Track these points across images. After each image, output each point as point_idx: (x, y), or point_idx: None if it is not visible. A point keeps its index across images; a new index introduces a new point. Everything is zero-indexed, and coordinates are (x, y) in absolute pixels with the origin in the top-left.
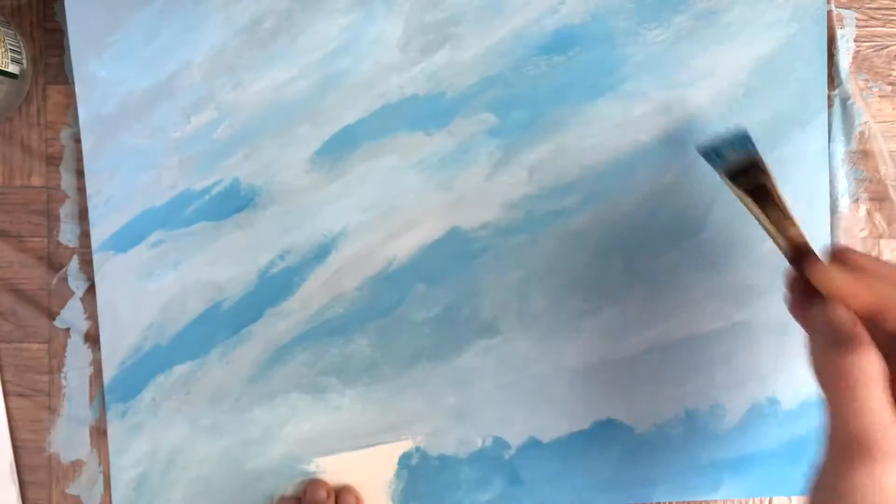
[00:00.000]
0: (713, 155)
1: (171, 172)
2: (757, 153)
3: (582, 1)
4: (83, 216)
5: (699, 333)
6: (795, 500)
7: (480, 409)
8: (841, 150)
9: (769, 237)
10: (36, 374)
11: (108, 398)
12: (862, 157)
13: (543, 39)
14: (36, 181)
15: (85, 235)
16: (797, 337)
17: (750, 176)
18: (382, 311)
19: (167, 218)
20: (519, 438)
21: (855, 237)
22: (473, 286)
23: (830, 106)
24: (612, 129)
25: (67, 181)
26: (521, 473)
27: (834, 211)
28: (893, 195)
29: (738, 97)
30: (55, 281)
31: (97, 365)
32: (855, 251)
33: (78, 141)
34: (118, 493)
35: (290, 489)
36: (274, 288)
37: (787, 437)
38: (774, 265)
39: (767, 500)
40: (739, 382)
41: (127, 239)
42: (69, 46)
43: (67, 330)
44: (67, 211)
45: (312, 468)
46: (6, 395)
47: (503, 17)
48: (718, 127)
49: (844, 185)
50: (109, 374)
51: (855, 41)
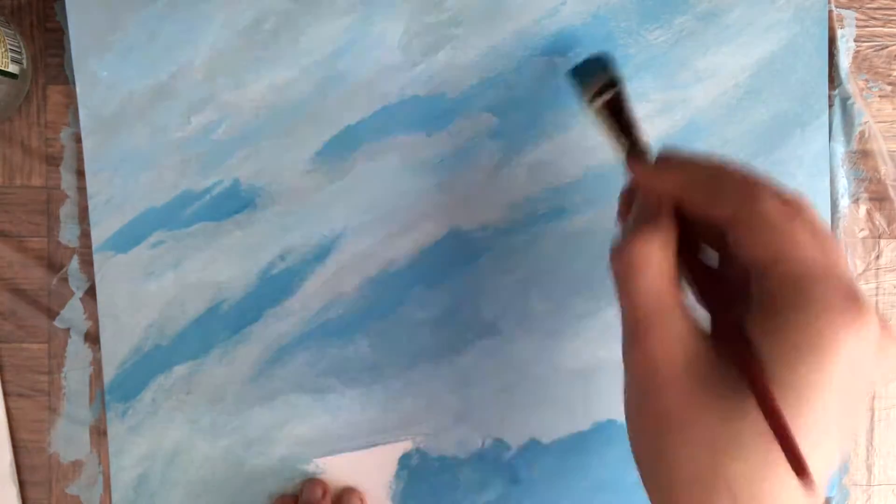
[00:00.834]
0: (577, 79)
1: (171, 172)
2: (610, 67)
3: (583, 2)
4: (83, 216)
5: None
6: None
7: (480, 409)
8: (841, 150)
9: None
10: (36, 374)
11: (108, 398)
12: (862, 157)
13: (544, 40)
14: (36, 181)
15: (85, 235)
16: None
17: (604, 92)
18: (382, 311)
19: (167, 218)
20: (519, 439)
21: (855, 237)
22: (473, 287)
23: (831, 106)
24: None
25: (68, 181)
26: (521, 474)
27: (834, 211)
28: (893, 195)
29: (738, 98)
30: (55, 281)
31: (97, 365)
32: (679, 150)
33: (78, 141)
34: (118, 493)
35: (289, 488)
36: (274, 288)
37: None
38: None
39: None
40: None
41: (127, 239)
42: (70, 46)
43: (67, 330)
44: (67, 211)
45: (312, 468)
46: (6, 395)
47: (504, 17)
48: (719, 127)
49: (844, 184)
50: (109, 374)
51: (855, 41)
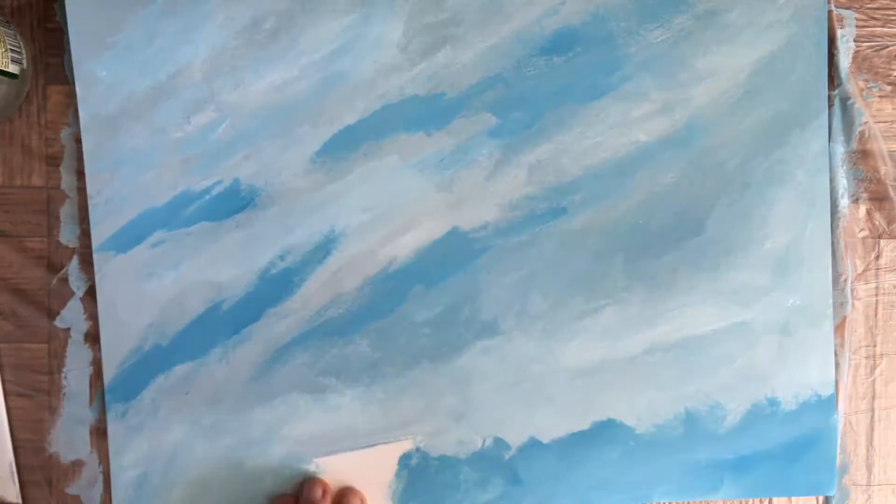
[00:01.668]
0: None
1: (171, 173)
2: None
3: (582, 1)
4: (83, 216)
5: (699, 333)
6: (795, 500)
7: (480, 409)
8: (841, 149)
9: None
10: (36, 374)
11: (108, 398)
12: (862, 156)
13: (544, 40)
14: (36, 181)
15: (85, 235)
16: (797, 337)
17: None
18: (382, 311)
19: (167, 218)
20: (519, 438)
21: (855, 237)
22: (473, 286)
23: (830, 106)
24: (612, 129)
25: (68, 181)
26: (521, 473)
27: (834, 211)
28: (893, 195)
29: (738, 97)
30: (55, 281)
31: (97, 365)
32: None
33: (78, 141)
34: (118, 493)
35: (289, 488)
36: (274, 288)
37: (786, 437)
38: (776, 265)
39: (767, 500)
40: (739, 383)
41: (127, 239)
42: (69, 46)
43: (68, 330)
44: (67, 211)
45: (312, 468)
46: (6, 394)
47: (503, 17)
48: (718, 127)
49: (844, 184)
50: (110, 374)
51: (855, 41)
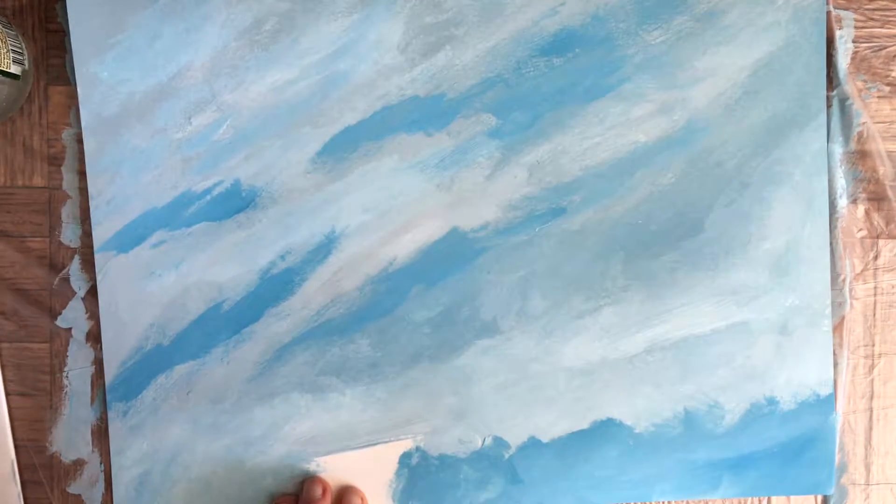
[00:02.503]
0: None
1: (172, 173)
2: None
3: (582, 2)
4: (85, 216)
5: (698, 333)
6: (794, 499)
7: (480, 408)
8: (839, 150)
9: None
10: (37, 373)
11: (109, 398)
12: (860, 157)
13: (543, 41)
14: (38, 181)
15: (86, 235)
16: (796, 337)
17: None
18: (382, 311)
19: (168, 218)
20: (519, 438)
21: (853, 237)
22: (473, 286)
23: (829, 106)
24: (611, 129)
25: (69, 181)
26: (520, 473)
27: (832, 211)
28: (892, 195)
29: (737, 98)
30: (57, 281)
31: (98, 364)
32: None
33: (80, 141)
34: (119, 492)
35: (289, 487)
36: (274, 288)
37: (785, 436)
38: (774, 265)
39: (766, 499)
40: (738, 382)
41: (128, 239)
42: (71, 47)
43: (69, 330)
44: (69, 211)
45: (313, 467)
46: (8, 394)
47: (503, 18)
48: (717, 127)
49: (843, 185)
50: (111, 373)
51: (853, 42)
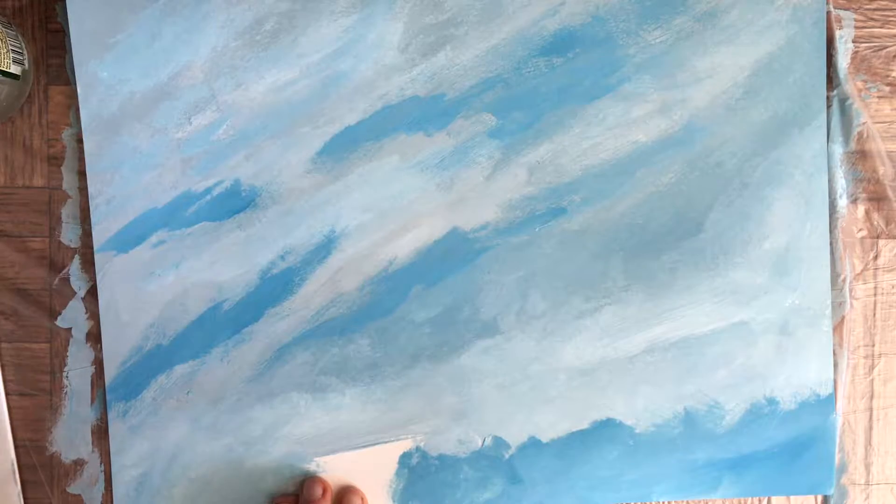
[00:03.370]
0: None
1: (172, 173)
2: None
3: (582, 2)
4: (85, 216)
5: (698, 333)
6: (793, 499)
7: (480, 408)
8: (839, 150)
9: None
10: (37, 373)
11: (109, 398)
12: (860, 157)
13: (543, 41)
14: (38, 181)
15: (86, 235)
16: (796, 337)
17: None
18: (382, 311)
19: (168, 218)
20: (519, 438)
21: (853, 237)
22: (473, 286)
23: (829, 107)
24: (611, 129)
25: (69, 181)
26: (520, 473)
27: (833, 211)
28: (892, 195)
29: (737, 98)
30: (57, 281)
31: (98, 364)
32: None
33: (80, 141)
34: (119, 492)
35: (289, 487)
36: (274, 288)
37: (785, 437)
38: (774, 265)
39: (766, 499)
40: (738, 382)
41: (128, 239)
42: (71, 47)
43: (69, 330)
44: (69, 211)
45: (313, 467)
46: (8, 394)
47: (503, 18)
48: (717, 127)
49: (843, 185)
50: (111, 373)
51: (853, 42)
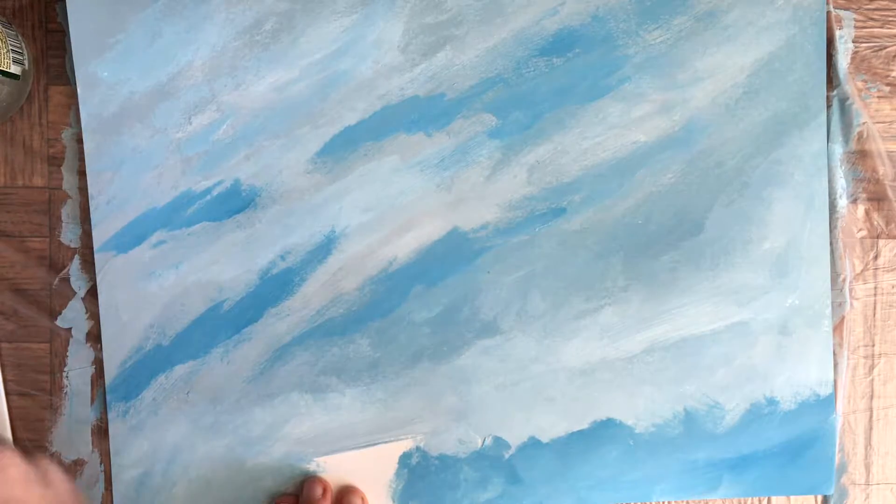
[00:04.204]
0: None
1: (172, 173)
2: None
3: (582, 2)
4: (85, 216)
5: (699, 333)
6: (794, 499)
7: (480, 408)
8: (839, 150)
9: None
10: (37, 373)
11: (109, 398)
12: (860, 157)
13: (543, 41)
14: (38, 181)
15: (86, 235)
16: (796, 337)
17: None
18: (382, 311)
19: (168, 218)
20: (519, 438)
21: (853, 237)
22: (473, 286)
23: (829, 106)
24: (612, 129)
25: (69, 181)
26: (520, 473)
27: (833, 211)
28: (891, 195)
29: (737, 98)
30: (57, 281)
31: (98, 364)
32: None
33: (79, 141)
34: (119, 492)
35: (289, 487)
36: (274, 288)
37: (785, 436)
38: (774, 265)
39: (766, 499)
40: (738, 382)
41: (128, 239)
42: (71, 47)
43: (69, 330)
44: (69, 211)
45: (313, 467)
46: (8, 394)
47: (503, 18)
48: (717, 127)
49: (843, 185)
50: (111, 373)
51: (853, 42)
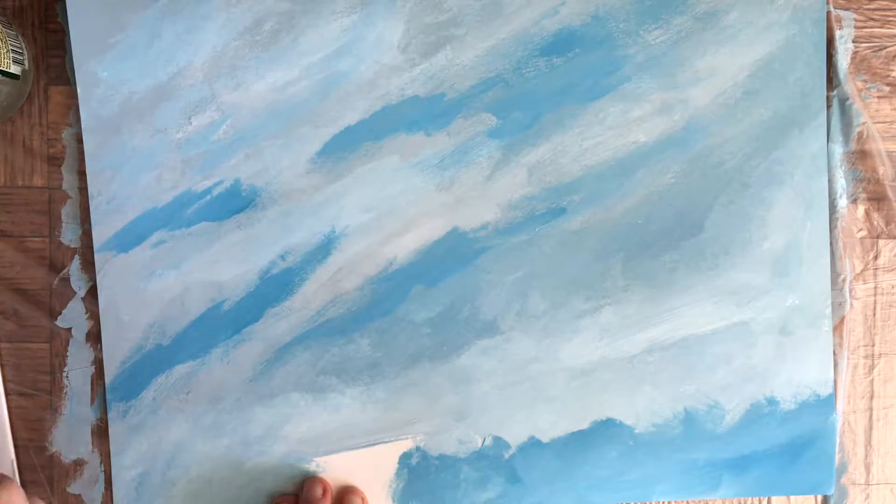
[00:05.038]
0: None
1: (172, 173)
2: None
3: (582, 2)
4: (85, 216)
5: (698, 333)
6: (794, 499)
7: (480, 408)
8: (839, 150)
9: None
10: (37, 373)
11: (109, 397)
12: (860, 157)
13: (543, 41)
14: (38, 181)
15: (86, 235)
16: (796, 337)
17: None
18: (382, 311)
19: (168, 218)
20: (519, 438)
21: (853, 237)
22: (473, 286)
23: (829, 107)
24: (612, 129)
25: (69, 181)
26: (520, 473)
27: (833, 211)
28: (892, 195)
29: (737, 98)
30: (57, 281)
31: (98, 364)
32: None
33: (80, 141)
34: (119, 492)
35: (289, 487)
36: (274, 288)
37: (785, 436)
38: (774, 265)
39: (766, 499)
40: (738, 382)
41: (128, 239)
42: (71, 47)
43: (69, 329)
44: (69, 211)
45: (313, 467)
46: (8, 394)
47: (503, 18)
48: (717, 127)
49: (843, 185)
50: (111, 373)
51: (853, 42)
